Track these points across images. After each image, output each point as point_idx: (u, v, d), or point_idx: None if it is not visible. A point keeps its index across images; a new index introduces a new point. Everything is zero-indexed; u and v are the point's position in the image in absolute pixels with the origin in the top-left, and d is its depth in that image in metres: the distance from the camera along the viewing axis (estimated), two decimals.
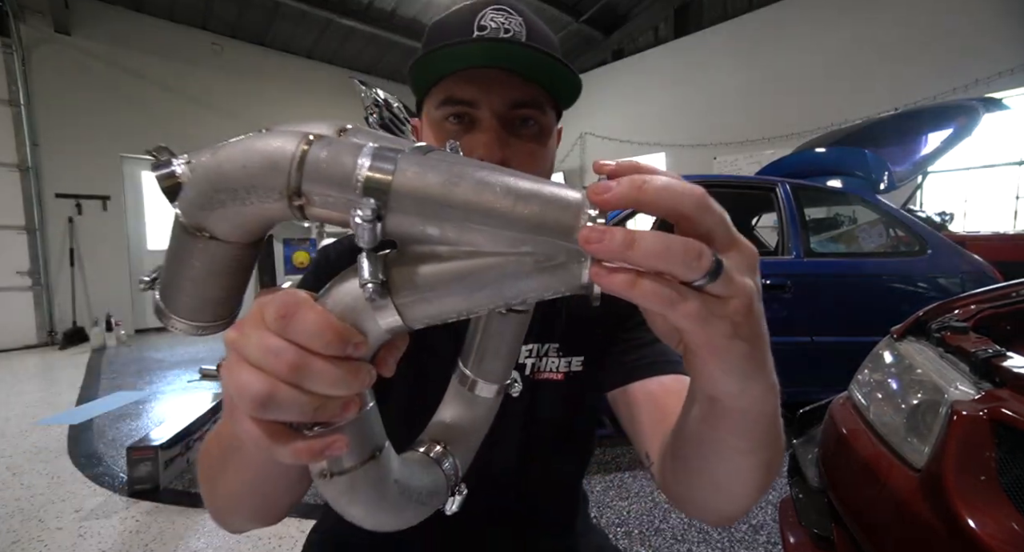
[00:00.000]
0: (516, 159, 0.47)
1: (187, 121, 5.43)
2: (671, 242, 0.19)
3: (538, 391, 0.55)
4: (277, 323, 0.21)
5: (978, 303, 1.02)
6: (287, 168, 0.21)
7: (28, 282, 4.55)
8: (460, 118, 0.47)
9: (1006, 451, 0.65)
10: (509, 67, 0.45)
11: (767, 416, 0.27)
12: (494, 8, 0.46)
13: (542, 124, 0.49)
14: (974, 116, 2.96)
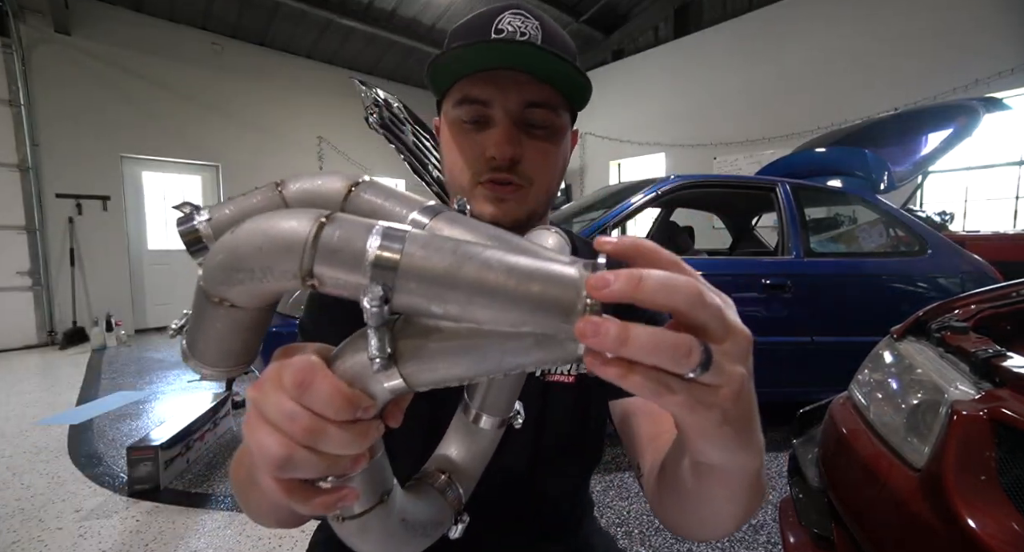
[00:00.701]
0: (528, 157, 0.49)
1: (187, 121, 5.43)
2: (662, 338, 0.20)
3: (549, 393, 0.56)
4: (294, 390, 0.23)
5: (978, 303, 1.02)
6: (300, 252, 0.22)
7: (28, 282, 4.55)
8: (476, 120, 0.49)
9: (1006, 451, 0.65)
10: (523, 68, 0.46)
11: (751, 474, 0.29)
12: (512, 12, 0.48)
13: (555, 125, 0.50)
14: (974, 116, 2.96)
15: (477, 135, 0.49)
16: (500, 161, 0.48)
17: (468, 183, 0.50)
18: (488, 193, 0.49)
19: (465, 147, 0.49)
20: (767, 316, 2.21)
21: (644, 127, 6.28)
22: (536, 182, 0.50)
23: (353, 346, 0.25)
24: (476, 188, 0.50)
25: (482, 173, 0.49)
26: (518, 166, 0.49)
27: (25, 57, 4.44)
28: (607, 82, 6.76)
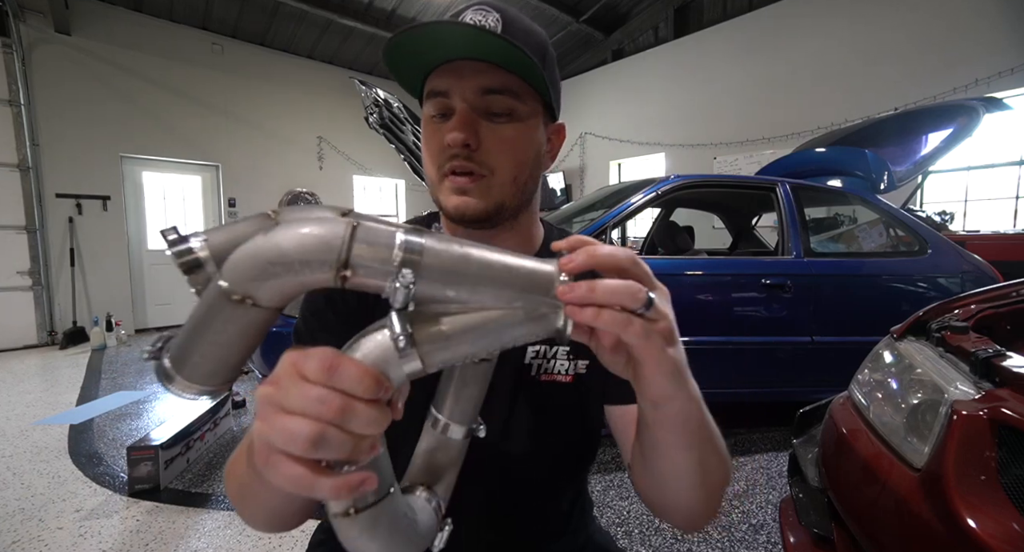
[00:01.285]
0: (487, 144, 0.48)
1: (187, 121, 5.43)
2: (618, 286, 0.28)
3: (544, 392, 0.56)
4: (323, 375, 0.24)
5: (978, 303, 1.02)
6: (339, 246, 0.26)
7: (28, 282, 4.55)
8: (441, 114, 0.49)
9: (1006, 451, 0.65)
10: (474, 55, 0.46)
11: (695, 419, 0.37)
12: (474, 8, 0.48)
13: (518, 111, 0.49)
14: (975, 116, 2.96)
15: (440, 127, 0.49)
16: (454, 147, 0.47)
17: (436, 177, 0.50)
18: (452, 184, 0.49)
19: (431, 142, 0.50)
20: (767, 316, 2.21)
21: (644, 127, 6.28)
22: (498, 171, 0.49)
23: (367, 337, 0.28)
24: (443, 181, 0.50)
25: (444, 164, 0.49)
26: (477, 154, 0.48)
27: (25, 57, 4.44)
28: (607, 82, 6.76)
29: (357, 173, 6.95)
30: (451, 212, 0.50)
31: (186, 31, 5.41)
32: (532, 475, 0.58)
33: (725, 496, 1.83)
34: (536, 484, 0.58)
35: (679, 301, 1.44)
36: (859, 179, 3.13)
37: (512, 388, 0.56)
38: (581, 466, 0.63)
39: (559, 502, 0.61)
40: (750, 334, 2.20)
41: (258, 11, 5.49)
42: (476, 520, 0.55)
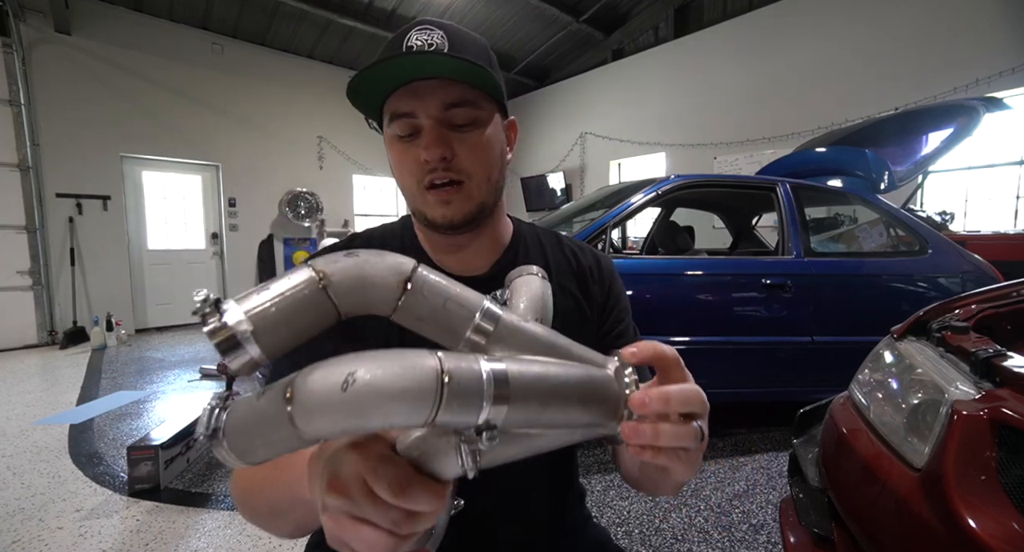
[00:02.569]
0: (460, 153, 0.53)
1: (187, 121, 5.43)
2: (679, 429, 0.31)
3: None
4: (395, 498, 0.27)
5: (978, 303, 1.02)
6: (428, 409, 0.25)
7: (29, 282, 4.55)
8: (409, 134, 0.53)
9: (1007, 451, 0.65)
10: (434, 75, 0.50)
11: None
12: (418, 29, 0.52)
13: (478, 118, 0.53)
14: (975, 116, 2.96)
15: (411, 145, 0.53)
16: (432, 162, 0.51)
17: (416, 191, 0.54)
18: (434, 199, 0.53)
19: (405, 160, 0.53)
20: (767, 316, 2.21)
21: (644, 127, 6.28)
22: (474, 174, 0.54)
23: (439, 453, 0.29)
24: (424, 195, 0.54)
25: (423, 178, 0.53)
26: (453, 163, 0.52)
27: (25, 57, 4.44)
28: (607, 82, 6.76)
29: (357, 173, 6.95)
30: (439, 222, 0.55)
31: (186, 31, 5.41)
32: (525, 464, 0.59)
33: (726, 496, 1.83)
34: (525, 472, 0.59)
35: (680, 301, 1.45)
36: (859, 179, 3.13)
37: None
38: (569, 453, 0.67)
39: (546, 490, 0.63)
40: (750, 334, 2.20)
41: (258, 11, 5.49)
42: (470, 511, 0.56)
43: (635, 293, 2.07)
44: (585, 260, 0.67)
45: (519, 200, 7.35)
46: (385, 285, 0.30)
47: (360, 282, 0.30)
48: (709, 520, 1.68)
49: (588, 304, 0.65)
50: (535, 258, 0.64)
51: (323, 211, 6.46)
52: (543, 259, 0.65)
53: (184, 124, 5.41)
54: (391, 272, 0.30)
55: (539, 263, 0.62)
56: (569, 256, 0.67)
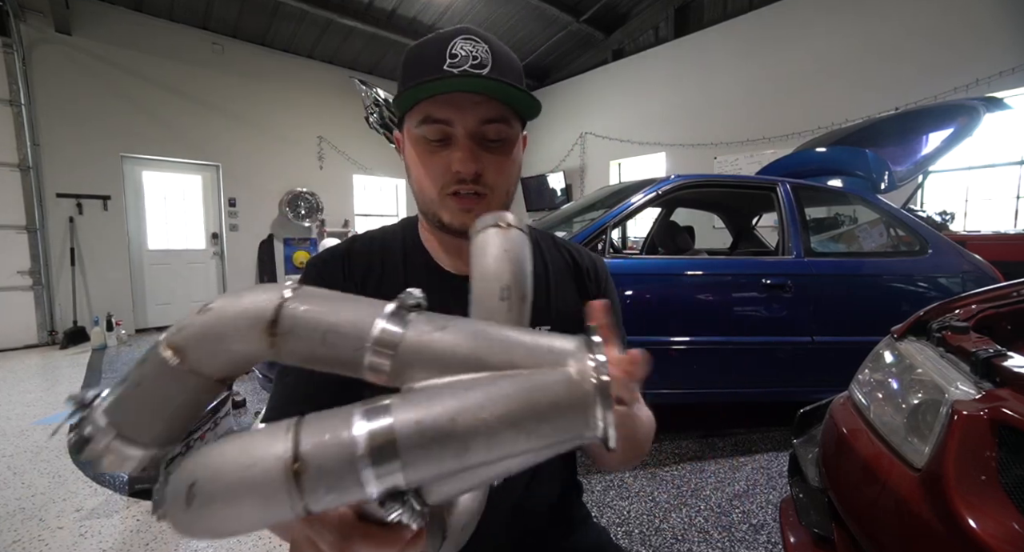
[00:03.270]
0: (488, 170, 0.55)
1: (187, 121, 5.43)
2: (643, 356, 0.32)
3: None
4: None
5: (979, 303, 1.02)
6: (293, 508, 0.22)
7: (29, 282, 4.55)
8: (439, 139, 0.54)
9: (1007, 451, 0.65)
10: (476, 90, 0.52)
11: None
12: (463, 37, 0.53)
13: (508, 137, 0.56)
14: (975, 116, 2.95)
15: (441, 152, 0.54)
16: (465, 175, 0.53)
17: (436, 195, 0.56)
18: (456, 206, 0.55)
19: (431, 164, 0.55)
20: (767, 316, 2.21)
21: (644, 127, 6.28)
22: (496, 189, 0.56)
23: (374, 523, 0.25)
24: (444, 199, 0.56)
25: (448, 186, 0.55)
26: (480, 178, 0.55)
27: (26, 57, 4.44)
28: (607, 82, 6.76)
29: (357, 173, 6.95)
30: (456, 227, 0.56)
31: (186, 31, 5.41)
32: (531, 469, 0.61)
33: (726, 496, 1.83)
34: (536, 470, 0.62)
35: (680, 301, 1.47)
36: (859, 179, 3.13)
37: None
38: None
39: (546, 483, 0.65)
40: (750, 334, 2.20)
41: (258, 11, 5.49)
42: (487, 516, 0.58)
43: (635, 293, 2.07)
44: (582, 260, 0.70)
45: (519, 200, 7.35)
46: (244, 337, 0.25)
47: (216, 342, 0.26)
48: (709, 520, 1.68)
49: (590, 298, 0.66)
50: (533, 257, 0.65)
51: (323, 211, 6.46)
52: (541, 258, 0.66)
53: (184, 124, 5.40)
54: (247, 320, 0.25)
55: (537, 262, 0.64)
56: (566, 256, 0.69)
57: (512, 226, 0.39)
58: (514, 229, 0.39)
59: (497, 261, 0.37)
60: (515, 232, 0.39)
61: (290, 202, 6.19)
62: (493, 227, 0.39)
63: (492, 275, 0.36)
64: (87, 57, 4.79)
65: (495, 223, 0.39)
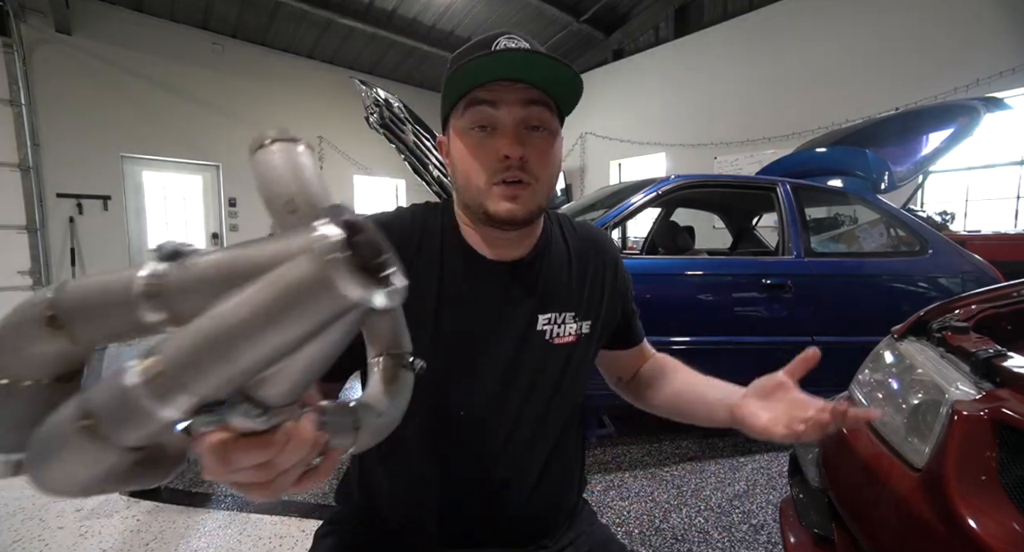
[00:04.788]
0: (533, 157, 0.56)
1: (188, 121, 5.43)
2: None
3: (557, 355, 0.64)
4: (221, 476, 0.26)
5: (979, 303, 1.02)
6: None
7: (29, 282, 4.55)
8: (483, 127, 0.55)
9: (1007, 451, 0.65)
10: (522, 76, 0.54)
11: None
12: (507, 37, 0.55)
13: (551, 126, 0.57)
14: (975, 116, 2.96)
15: (488, 140, 0.55)
16: (513, 160, 0.54)
17: (484, 185, 0.56)
18: (503, 191, 0.55)
19: (479, 153, 0.55)
20: (767, 316, 2.21)
21: (644, 127, 6.28)
22: (541, 178, 0.57)
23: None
24: (491, 188, 0.56)
25: (497, 174, 0.55)
26: (526, 164, 0.55)
27: (26, 57, 4.45)
28: (607, 82, 6.76)
29: (357, 173, 6.96)
30: (503, 216, 0.56)
31: (186, 31, 5.41)
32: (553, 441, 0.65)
33: (726, 496, 1.83)
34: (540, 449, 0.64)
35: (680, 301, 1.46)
36: (860, 179, 3.13)
37: (531, 354, 0.62)
38: (575, 420, 0.71)
39: (557, 463, 0.66)
40: (751, 334, 2.20)
41: (258, 11, 5.50)
42: (477, 493, 0.61)
43: (635, 293, 2.06)
44: (601, 247, 0.72)
45: None
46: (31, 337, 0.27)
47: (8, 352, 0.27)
48: (709, 520, 1.68)
49: (607, 288, 0.70)
50: (559, 246, 0.68)
51: None
52: (566, 252, 0.68)
53: (184, 124, 5.41)
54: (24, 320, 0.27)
55: (563, 256, 0.67)
56: (587, 243, 0.71)
57: (292, 139, 0.38)
58: (292, 142, 0.37)
59: (279, 172, 0.35)
60: (294, 145, 0.37)
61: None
62: (273, 142, 0.37)
63: (276, 188, 0.35)
64: (87, 57, 4.79)
65: (273, 138, 0.37)
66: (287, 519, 1.65)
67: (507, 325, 0.61)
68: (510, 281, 0.62)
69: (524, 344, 0.62)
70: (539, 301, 0.63)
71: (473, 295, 0.60)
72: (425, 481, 0.61)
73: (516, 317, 0.62)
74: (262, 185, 0.35)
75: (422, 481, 0.61)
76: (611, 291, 0.70)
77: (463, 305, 0.60)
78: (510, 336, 0.61)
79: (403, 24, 6.11)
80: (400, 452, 0.60)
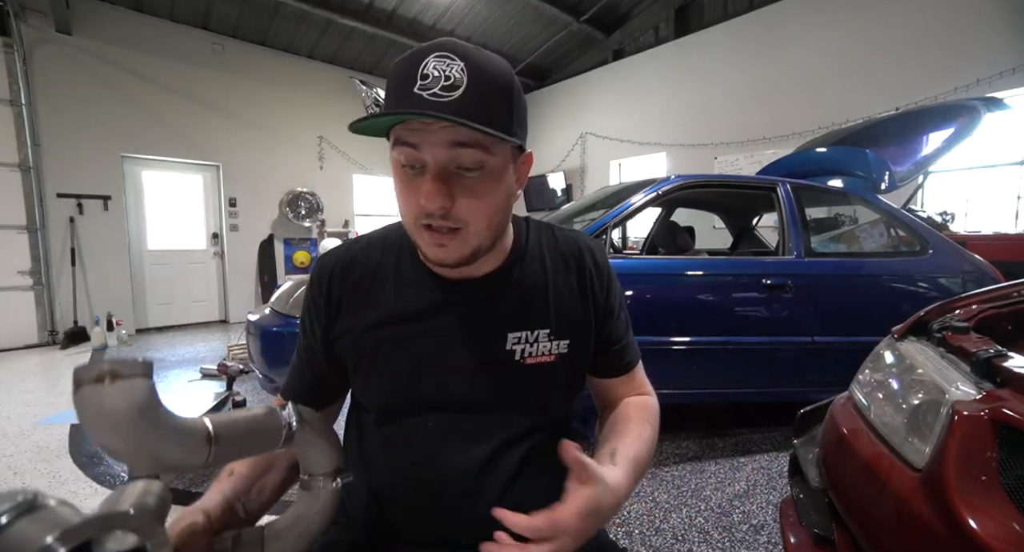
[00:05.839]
0: (460, 203, 0.51)
1: (188, 121, 5.43)
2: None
3: (530, 374, 0.62)
4: None
5: (979, 303, 1.02)
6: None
7: (29, 282, 4.55)
8: (412, 165, 0.51)
9: (1007, 451, 0.65)
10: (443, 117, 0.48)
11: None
12: (436, 56, 0.48)
13: (487, 165, 0.51)
14: (975, 116, 2.95)
15: (414, 181, 0.51)
16: (432, 211, 0.50)
17: (412, 225, 0.54)
18: (430, 237, 0.53)
19: (406, 193, 0.53)
20: (768, 316, 2.21)
21: (644, 127, 6.28)
22: (472, 222, 0.52)
23: None
24: (420, 231, 0.53)
25: (421, 218, 0.52)
26: (451, 212, 0.51)
27: (26, 57, 4.44)
28: (607, 82, 6.76)
29: (357, 173, 6.96)
30: (432, 259, 0.56)
31: (186, 31, 5.41)
32: (524, 451, 0.62)
33: (726, 496, 1.83)
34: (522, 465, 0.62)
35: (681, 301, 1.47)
36: (860, 179, 3.13)
37: (497, 374, 0.60)
38: (566, 433, 0.70)
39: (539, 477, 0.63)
40: (751, 334, 2.20)
41: (258, 11, 5.49)
42: (468, 501, 0.60)
43: (635, 293, 2.07)
44: (586, 262, 0.68)
45: (520, 200, 7.33)
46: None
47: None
48: (709, 520, 1.68)
49: (591, 306, 0.67)
50: (534, 258, 0.65)
51: (323, 211, 6.46)
52: (542, 267, 0.65)
53: (184, 124, 5.41)
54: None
55: (538, 271, 0.64)
56: (568, 258, 0.67)
57: (119, 377, 0.32)
58: (122, 380, 0.32)
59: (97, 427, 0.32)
60: (123, 384, 0.32)
61: (290, 202, 6.20)
62: (90, 384, 0.31)
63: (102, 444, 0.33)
64: (87, 57, 4.79)
65: (96, 377, 0.32)
66: None
67: (468, 344, 0.60)
68: (474, 299, 0.61)
69: (488, 363, 0.60)
70: (508, 318, 0.61)
71: (432, 314, 0.60)
72: (395, 487, 0.62)
73: (478, 336, 0.60)
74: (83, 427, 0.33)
75: (393, 487, 0.62)
76: (595, 305, 0.67)
77: (422, 324, 0.60)
78: (471, 355, 0.60)
79: (403, 24, 6.10)
80: (374, 458, 0.64)
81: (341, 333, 0.62)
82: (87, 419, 0.32)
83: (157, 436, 0.34)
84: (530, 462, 0.63)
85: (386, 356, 0.60)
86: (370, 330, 0.61)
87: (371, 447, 0.65)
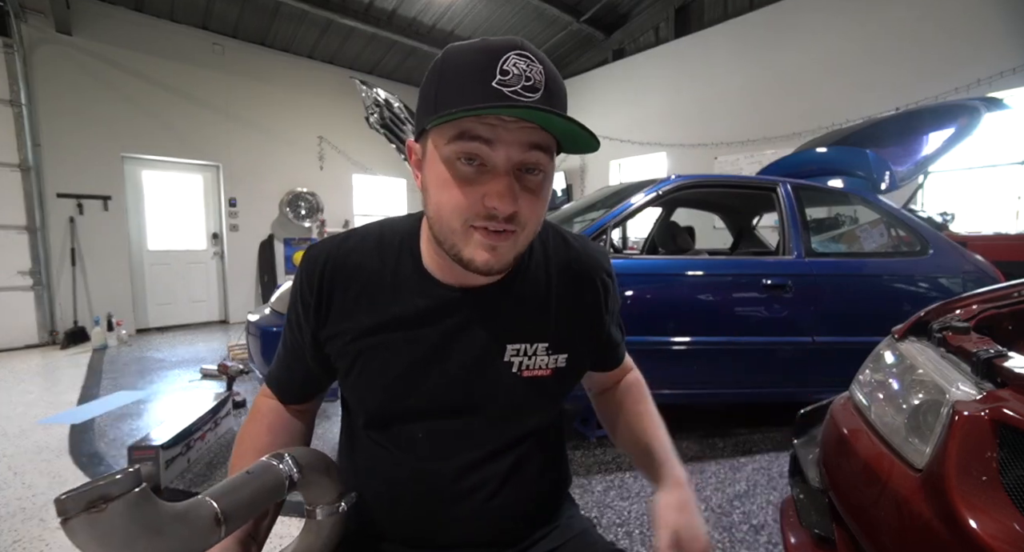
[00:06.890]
0: (524, 205, 0.49)
1: (188, 121, 5.43)
2: None
3: (522, 386, 0.61)
4: None
5: (980, 303, 1.01)
6: None
7: (29, 282, 4.55)
8: (471, 160, 0.47)
9: (1008, 451, 0.65)
10: (533, 121, 0.46)
11: None
12: (517, 53, 0.46)
13: (547, 170, 0.51)
14: (976, 116, 2.95)
15: (475, 177, 0.47)
16: (502, 213, 0.47)
17: (460, 226, 0.49)
18: (483, 240, 0.49)
19: (460, 193, 0.48)
20: (768, 316, 2.21)
21: (644, 127, 6.28)
22: (527, 225, 0.51)
23: None
24: (470, 231, 0.49)
25: (477, 219, 0.48)
26: (516, 216, 0.49)
27: (26, 57, 4.44)
28: (607, 82, 6.76)
29: (357, 173, 6.96)
30: (478, 266, 0.50)
31: (186, 31, 5.41)
32: (512, 457, 0.63)
33: (726, 497, 1.83)
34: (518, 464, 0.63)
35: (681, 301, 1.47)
36: (860, 179, 3.13)
37: (492, 384, 0.60)
38: (558, 438, 0.73)
39: (534, 484, 0.66)
40: (751, 334, 2.20)
41: (258, 11, 5.49)
42: (462, 509, 0.61)
43: (635, 293, 2.07)
44: (601, 284, 0.66)
45: None
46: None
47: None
48: (710, 521, 1.68)
49: (598, 325, 0.67)
50: (538, 268, 0.63)
51: (323, 211, 6.46)
52: (546, 277, 0.63)
53: (184, 124, 5.41)
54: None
55: (541, 281, 0.62)
56: (583, 277, 0.65)
57: (111, 498, 0.29)
58: (116, 501, 0.30)
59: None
60: (118, 505, 0.30)
61: (290, 202, 6.20)
62: (79, 515, 0.29)
63: None
64: (87, 57, 4.79)
65: (86, 505, 0.29)
66: (287, 519, 1.65)
67: (466, 353, 0.58)
68: (472, 309, 0.58)
69: (485, 374, 0.59)
70: (507, 330, 0.59)
71: (431, 321, 0.58)
72: (382, 489, 0.63)
73: (477, 346, 0.59)
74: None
75: (380, 489, 0.63)
76: (597, 319, 0.66)
77: (418, 330, 0.58)
78: (468, 365, 0.58)
79: (403, 24, 6.11)
80: (361, 459, 0.65)
81: (332, 335, 0.60)
82: (87, 550, 0.29)
83: (166, 541, 0.33)
84: (517, 468, 0.63)
85: (380, 362, 0.58)
86: (364, 335, 0.58)
87: (359, 448, 0.66)
